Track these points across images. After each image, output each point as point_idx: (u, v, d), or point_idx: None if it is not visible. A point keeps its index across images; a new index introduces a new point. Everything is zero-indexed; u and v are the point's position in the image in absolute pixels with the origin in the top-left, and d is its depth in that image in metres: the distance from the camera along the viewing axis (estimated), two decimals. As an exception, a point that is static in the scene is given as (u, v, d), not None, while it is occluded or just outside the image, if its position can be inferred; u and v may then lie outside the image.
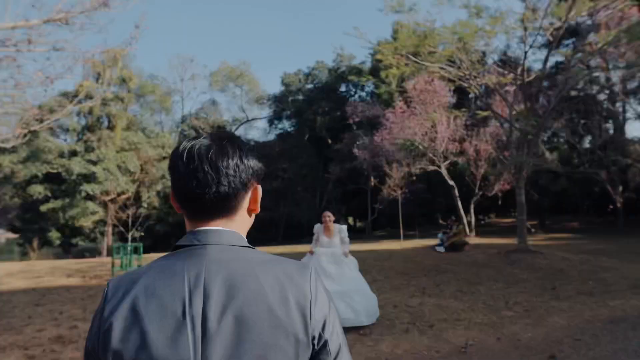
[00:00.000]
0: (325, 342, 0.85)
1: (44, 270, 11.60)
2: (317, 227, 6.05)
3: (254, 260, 0.88)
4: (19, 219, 26.68)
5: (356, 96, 33.86)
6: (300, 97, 33.68)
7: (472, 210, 21.52)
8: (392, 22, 34.16)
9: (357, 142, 28.43)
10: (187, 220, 0.95)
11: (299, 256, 5.11)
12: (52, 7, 8.16)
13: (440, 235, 15.85)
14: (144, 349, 0.77)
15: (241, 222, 0.97)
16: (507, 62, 13.09)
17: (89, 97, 24.65)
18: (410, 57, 10.86)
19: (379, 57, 12.33)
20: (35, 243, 23.40)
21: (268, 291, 0.83)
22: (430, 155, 19.22)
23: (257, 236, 32.15)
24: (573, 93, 21.51)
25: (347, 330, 4.96)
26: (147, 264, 0.88)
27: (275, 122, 36.80)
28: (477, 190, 21.23)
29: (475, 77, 11.63)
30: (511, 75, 12.20)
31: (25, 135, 9.52)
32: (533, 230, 23.61)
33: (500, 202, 32.96)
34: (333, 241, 5.78)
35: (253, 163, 0.96)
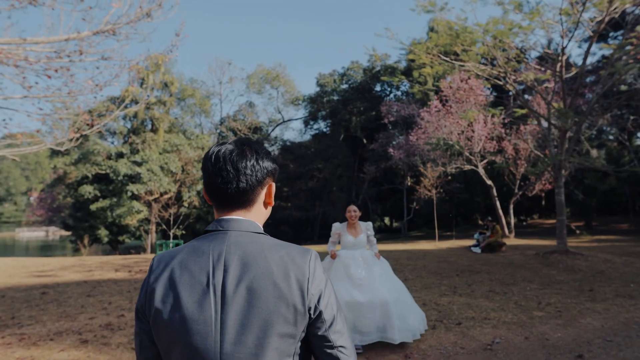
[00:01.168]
0: (320, 313, 1.06)
1: (94, 265, 12.42)
2: (338, 227, 4.98)
3: (264, 244, 1.09)
4: (71, 217, 28.42)
5: (391, 95, 33.67)
6: (335, 97, 33.86)
7: (511, 211, 20.98)
8: (428, 19, 33.75)
9: (393, 142, 28.31)
10: (215, 210, 1.19)
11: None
12: (101, 19, 8.75)
13: (476, 235, 15.61)
14: (177, 309, 1.01)
15: (257, 213, 1.19)
16: (545, 58, 12.72)
17: (134, 101, 25.94)
18: (441, 56, 10.79)
19: (410, 57, 12.31)
20: (85, 240, 24.87)
21: (274, 269, 1.04)
22: (467, 154, 18.91)
23: (294, 235, 32.64)
24: (623, 87, 20.49)
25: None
26: (183, 244, 1.12)
27: (311, 122, 37.18)
28: (516, 190, 20.69)
29: (511, 74, 11.39)
30: (550, 72, 11.88)
31: (77, 139, 10.24)
32: (578, 231, 22.71)
33: (543, 203, 31.82)
34: (360, 240, 4.80)
35: (267, 164, 1.19)
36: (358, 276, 4.54)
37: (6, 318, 6.00)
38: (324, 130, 36.50)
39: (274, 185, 1.23)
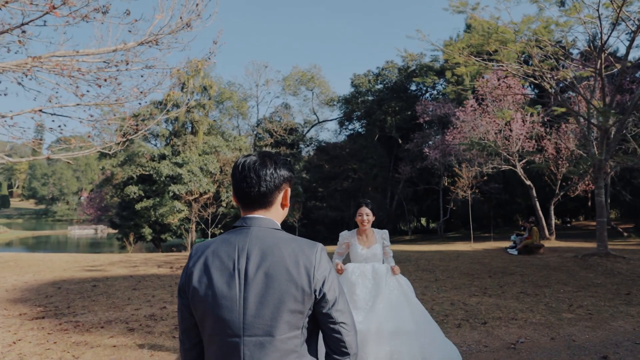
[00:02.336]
0: (324, 294, 1.31)
1: (139, 261, 13.17)
2: (346, 235, 4.02)
3: (280, 238, 1.36)
4: (117, 216, 29.98)
5: (427, 95, 33.28)
6: (370, 97, 33.87)
7: (551, 212, 20.31)
8: (465, 16, 33.13)
9: (429, 142, 28.00)
10: (241, 210, 1.46)
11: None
12: (145, 30, 9.33)
13: (513, 237, 15.30)
14: (210, 287, 1.29)
15: (275, 212, 1.46)
16: (585, 55, 12.32)
17: (175, 105, 27.02)
18: (473, 57, 10.71)
19: (445, 56, 12.27)
20: (131, 238, 26.18)
21: (286, 258, 1.30)
22: (505, 154, 18.50)
23: (328, 235, 32.88)
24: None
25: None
26: (216, 236, 1.41)
27: (346, 123, 37.35)
28: (557, 191, 20.02)
29: (547, 73, 11.14)
30: (591, 69, 11.52)
31: (124, 143, 10.95)
32: (626, 234, 21.66)
33: (590, 204, 30.45)
34: (373, 252, 3.79)
35: (284, 172, 1.45)
36: (363, 296, 3.56)
37: (62, 307, 6.60)
38: (359, 130, 36.57)
39: (289, 190, 1.49)
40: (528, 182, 18.77)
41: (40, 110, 8.45)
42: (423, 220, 45.61)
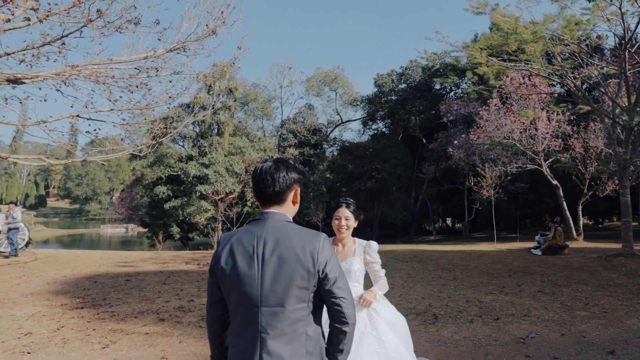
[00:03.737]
0: (326, 274, 1.61)
1: (168, 258, 13.75)
2: None
3: (291, 228, 1.67)
4: (147, 215, 31.04)
5: (451, 94, 32.97)
6: (394, 97, 33.79)
7: (579, 212, 19.90)
8: (486, 16, 32.63)
9: (454, 142, 27.78)
10: (260, 206, 1.79)
11: (390, 254, 5.70)
12: (173, 38, 9.81)
13: (537, 237, 15.14)
14: (235, 268, 1.61)
15: (287, 208, 1.78)
16: (612, 52, 12.11)
17: (202, 107, 27.78)
18: (492, 59, 10.72)
19: (467, 56, 12.30)
20: (160, 236, 27.06)
21: (296, 244, 1.61)
22: (529, 153, 18.25)
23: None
24: None
25: (410, 320, 5.47)
26: (240, 227, 1.72)
27: (369, 123, 37.38)
28: (585, 191, 19.59)
29: (570, 72, 11.04)
30: (617, 67, 11.34)
31: (153, 145, 11.50)
32: (658, 235, 20.97)
33: (622, 204, 29.52)
34: (346, 267, 2.92)
35: (294, 175, 1.76)
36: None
37: (99, 299, 7.11)
38: (383, 130, 36.55)
39: (299, 189, 1.81)
40: (555, 182, 18.47)
41: (78, 116, 9.02)
42: (448, 221, 45.17)
